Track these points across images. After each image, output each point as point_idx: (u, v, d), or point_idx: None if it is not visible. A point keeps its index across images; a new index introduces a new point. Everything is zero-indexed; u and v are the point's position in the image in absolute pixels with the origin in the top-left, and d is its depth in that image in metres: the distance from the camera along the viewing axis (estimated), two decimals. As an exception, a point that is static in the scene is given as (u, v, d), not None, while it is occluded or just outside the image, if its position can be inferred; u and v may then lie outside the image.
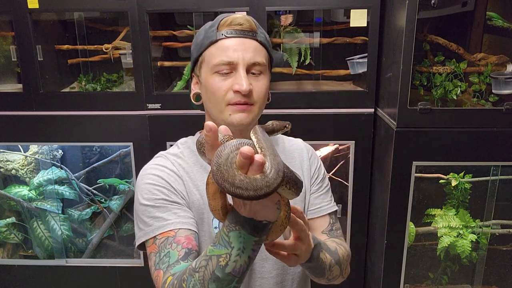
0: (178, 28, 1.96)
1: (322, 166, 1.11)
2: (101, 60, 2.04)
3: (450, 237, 1.77)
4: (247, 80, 0.87)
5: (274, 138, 1.06)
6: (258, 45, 0.91)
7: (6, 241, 2.20)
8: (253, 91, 0.89)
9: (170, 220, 0.86)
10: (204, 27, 0.94)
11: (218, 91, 0.89)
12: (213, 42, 0.89)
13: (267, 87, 0.94)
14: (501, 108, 1.59)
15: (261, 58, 0.90)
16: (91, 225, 2.23)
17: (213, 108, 0.92)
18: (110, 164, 2.20)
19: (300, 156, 1.07)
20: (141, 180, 0.93)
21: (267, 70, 0.94)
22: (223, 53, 0.88)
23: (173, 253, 0.81)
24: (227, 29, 0.89)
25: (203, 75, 0.93)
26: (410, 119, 1.60)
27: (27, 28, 1.81)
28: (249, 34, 0.89)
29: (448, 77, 1.72)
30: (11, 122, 1.94)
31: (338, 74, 2.00)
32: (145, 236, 0.88)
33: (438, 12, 1.75)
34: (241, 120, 0.90)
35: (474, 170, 1.76)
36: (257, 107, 0.92)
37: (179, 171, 0.95)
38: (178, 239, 0.83)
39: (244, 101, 0.89)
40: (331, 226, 1.07)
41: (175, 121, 1.87)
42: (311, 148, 1.11)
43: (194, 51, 0.95)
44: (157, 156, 1.00)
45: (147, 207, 0.89)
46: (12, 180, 2.18)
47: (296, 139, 1.12)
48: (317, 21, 2.02)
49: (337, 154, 2.06)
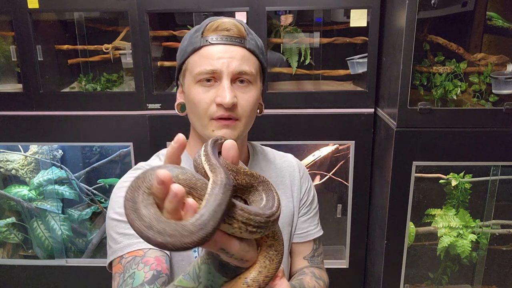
0: (178, 28, 1.96)
1: (312, 186, 1.04)
2: (101, 60, 2.04)
3: (450, 237, 1.77)
4: (231, 92, 0.79)
5: (263, 152, 1.00)
6: (247, 53, 0.82)
7: (6, 241, 2.20)
8: (238, 104, 0.80)
9: (140, 239, 0.80)
10: (189, 32, 0.87)
11: (200, 103, 0.81)
12: (196, 49, 0.82)
13: (256, 99, 0.85)
14: (501, 108, 1.59)
15: (249, 67, 0.81)
16: (91, 225, 2.23)
17: (196, 122, 0.86)
18: (110, 164, 2.20)
19: (291, 176, 0.99)
20: (116, 192, 0.85)
21: (257, 80, 0.85)
22: (206, 61, 0.80)
23: (139, 274, 0.73)
24: (213, 35, 0.81)
25: (186, 84, 0.86)
26: (410, 119, 1.60)
27: (27, 28, 1.81)
28: (236, 40, 0.81)
29: (448, 77, 1.72)
30: (11, 122, 1.94)
31: (338, 74, 2.00)
32: (113, 254, 0.79)
33: (438, 12, 1.75)
34: (225, 137, 0.82)
35: (474, 170, 1.76)
36: (243, 123, 0.83)
37: None
38: (147, 259, 0.74)
39: (227, 115, 0.80)
40: (313, 252, 1.01)
41: (175, 121, 1.87)
42: (303, 166, 1.04)
43: (178, 57, 0.88)
44: (136, 167, 0.92)
45: (118, 222, 0.80)
46: (12, 180, 2.18)
47: (287, 154, 1.04)
48: (317, 21, 2.02)
49: (337, 154, 2.06)
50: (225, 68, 0.79)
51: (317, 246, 1.02)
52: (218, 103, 0.79)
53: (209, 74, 0.80)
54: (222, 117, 0.81)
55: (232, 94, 0.79)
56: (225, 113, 0.80)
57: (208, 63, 0.80)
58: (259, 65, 0.86)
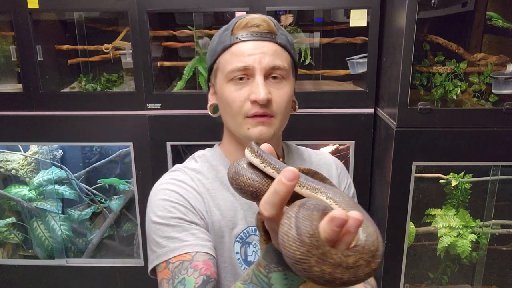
0: (178, 28, 1.96)
1: (351, 184, 1.00)
2: (101, 60, 2.04)
3: (450, 237, 1.77)
4: (265, 88, 0.77)
5: (298, 151, 0.97)
6: (278, 48, 0.80)
7: (6, 241, 2.20)
8: (272, 100, 0.79)
9: (187, 242, 0.75)
10: (218, 31, 0.86)
11: (234, 102, 0.79)
12: (226, 47, 0.80)
13: (290, 94, 0.83)
14: (501, 108, 1.59)
15: (282, 62, 0.80)
16: (91, 225, 2.23)
17: (230, 121, 0.83)
18: (110, 164, 2.20)
19: (328, 173, 0.95)
20: (154, 195, 0.82)
21: (290, 75, 0.83)
22: (238, 59, 0.78)
23: (189, 280, 0.70)
24: (242, 32, 0.80)
25: (218, 84, 0.83)
26: (410, 119, 1.60)
27: (27, 28, 1.81)
28: (267, 36, 0.80)
29: (448, 77, 1.72)
30: (11, 122, 1.94)
31: (338, 74, 2.00)
32: (157, 259, 0.76)
33: (438, 12, 1.75)
34: (261, 135, 0.79)
35: (474, 170, 1.76)
36: (279, 119, 0.81)
37: (198, 188, 0.84)
38: (196, 263, 0.72)
39: (262, 112, 0.78)
40: None
41: (175, 121, 1.87)
42: (340, 164, 1.00)
43: (208, 58, 0.86)
44: (173, 169, 0.89)
45: (161, 225, 0.77)
46: (12, 180, 2.18)
47: (324, 153, 1.01)
48: (317, 21, 2.02)
49: (337, 154, 2.06)
50: (257, 64, 0.78)
51: None
52: (252, 100, 0.78)
53: (241, 71, 0.78)
54: (256, 114, 0.78)
55: (266, 90, 0.77)
56: (260, 109, 0.78)
57: (240, 60, 0.78)
58: (291, 60, 0.84)
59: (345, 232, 0.41)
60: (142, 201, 1.99)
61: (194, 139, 1.88)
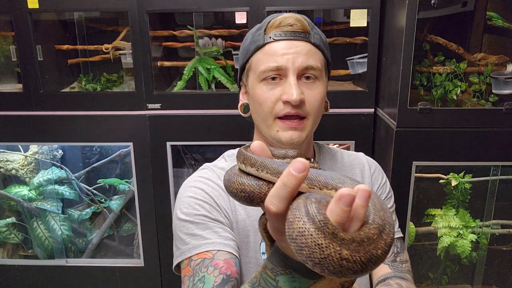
0: (178, 28, 1.96)
1: (387, 184, 0.97)
2: (101, 60, 2.04)
3: (450, 237, 1.77)
4: (298, 88, 0.76)
5: (331, 152, 0.95)
6: (312, 48, 0.79)
7: (6, 241, 2.20)
8: (305, 100, 0.78)
9: (209, 239, 0.76)
10: (251, 30, 0.84)
11: (265, 102, 0.78)
12: (259, 46, 0.79)
13: (323, 95, 0.83)
14: (501, 108, 1.59)
15: (315, 62, 0.79)
16: (91, 225, 2.23)
17: (260, 122, 0.82)
18: (110, 164, 2.20)
19: (361, 172, 0.94)
20: (182, 193, 0.83)
21: (323, 75, 0.83)
22: (271, 58, 0.77)
23: (209, 278, 0.70)
24: (276, 31, 0.78)
25: (250, 84, 0.83)
26: (410, 119, 1.60)
27: (27, 28, 1.81)
28: (300, 35, 0.78)
29: (448, 77, 1.72)
30: (11, 122, 1.94)
31: (338, 74, 2.00)
32: (181, 256, 0.78)
33: (438, 12, 1.75)
34: (292, 139, 0.78)
35: (474, 170, 1.76)
36: (311, 120, 0.80)
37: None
38: (216, 262, 0.72)
39: (295, 112, 0.77)
40: (394, 256, 0.90)
41: (175, 121, 1.87)
42: (374, 164, 0.98)
43: (240, 57, 0.85)
44: (202, 168, 0.89)
45: (186, 222, 0.79)
46: (12, 180, 2.18)
47: (357, 153, 1.00)
48: (317, 21, 2.02)
49: (337, 154, 2.06)
50: (291, 64, 0.77)
51: (398, 249, 0.92)
52: (284, 101, 0.77)
53: (274, 71, 0.77)
54: (288, 115, 0.77)
55: (299, 90, 0.76)
56: (292, 110, 0.77)
57: (273, 60, 0.77)
58: (325, 60, 0.84)
59: (356, 207, 0.40)
60: (142, 201, 1.99)
61: (194, 139, 1.88)
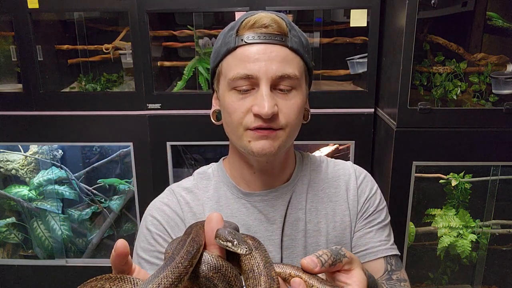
0: (178, 28, 1.96)
1: (377, 196, 0.88)
2: (101, 60, 2.04)
3: (450, 237, 1.77)
4: (270, 100, 0.68)
5: (315, 162, 0.89)
6: (289, 53, 0.71)
7: (6, 241, 2.20)
8: (280, 112, 0.70)
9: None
10: (223, 30, 0.76)
11: (234, 112, 0.71)
12: (230, 50, 0.71)
13: (301, 106, 0.74)
14: (501, 108, 1.59)
15: (292, 70, 0.71)
16: (91, 225, 2.23)
17: (230, 132, 0.75)
18: (110, 164, 2.20)
19: (346, 183, 0.86)
20: (144, 218, 0.82)
21: (302, 83, 0.75)
22: (241, 65, 0.69)
23: None
24: (249, 33, 0.70)
25: (221, 90, 0.75)
26: (410, 119, 1.60)
27: (27, 28, 1.81)
28: (276, 38, 0.70)
29: (448, 77, 1.72)
30: (11, 122, 1.94)
31: (338, 74, 2.00)
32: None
33: (438, 12, 1.75)
34: (263, 150, 0.71)
35: (474, 170, 1.76)
36: (287, 131, 0.72)
37: (182, 213, 0.80)
38: None
39: (266, 126, 0.69)
40: (388, 274, 0.81)
41: (175, 121, 1.87)
42: (363, 174, 0.89)
43: (211, 60, 0.78)
44: (167, 189, 0.85)
45: (142, 260, 0.81)
46: (12, 180, 2.18)
47: (345, 162, 0.91)
48: (317, 21, 2.02)
49: (337, 154, 2.06)
50: (263, 73, 0.68)
51: (393, 267, 0.83)
52: (255, 113, 0.69)
53: (244, 79, 0.69)
54: (260, 127, 0.70)
55: (272, 102, 0.68)
56: (263, 123, 0.69)
57: (244, 66, 0.69)
58: (304, 66, 0.75)
59: None
60: (142, 201, 1.99)
61: (194, 139, 1.88)
